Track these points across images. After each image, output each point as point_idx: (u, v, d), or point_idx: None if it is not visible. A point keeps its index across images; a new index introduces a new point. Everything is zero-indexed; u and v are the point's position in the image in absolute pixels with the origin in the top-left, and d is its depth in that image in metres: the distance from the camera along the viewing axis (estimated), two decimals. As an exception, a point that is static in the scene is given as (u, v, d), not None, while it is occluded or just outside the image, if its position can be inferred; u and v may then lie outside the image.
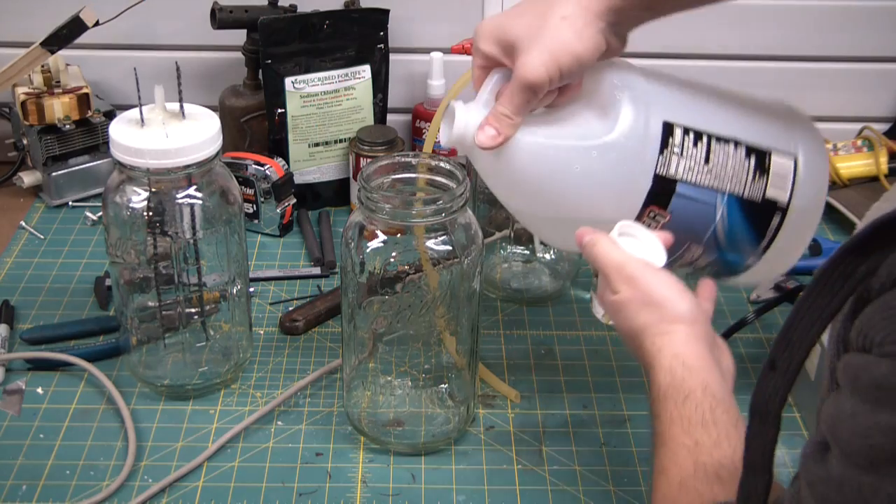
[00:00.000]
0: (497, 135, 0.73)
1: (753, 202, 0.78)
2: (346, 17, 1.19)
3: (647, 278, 0.69)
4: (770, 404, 0.47)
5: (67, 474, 0.83)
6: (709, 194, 0.77)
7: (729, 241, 0.79)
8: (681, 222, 0.77)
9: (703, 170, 0.76)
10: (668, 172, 0.75)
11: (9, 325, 1.00)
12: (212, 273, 0.90)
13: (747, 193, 0.77)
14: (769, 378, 0.47)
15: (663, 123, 0.75)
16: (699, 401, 0.63)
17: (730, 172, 0.77)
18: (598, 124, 0.75)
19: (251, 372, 0.95)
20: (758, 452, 0.48)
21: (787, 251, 0.82)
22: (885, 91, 1.34)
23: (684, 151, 0.75)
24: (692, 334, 0.67)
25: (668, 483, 0.62)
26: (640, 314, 0.69)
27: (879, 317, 0.41)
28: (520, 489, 0.82)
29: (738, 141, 0.77)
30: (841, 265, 0.44)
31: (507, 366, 0.97)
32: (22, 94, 1.17)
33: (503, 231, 1.06)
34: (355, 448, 0.86)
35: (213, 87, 1.26)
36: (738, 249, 0.80)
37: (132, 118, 0.84)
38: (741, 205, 0.77)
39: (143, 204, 0.84)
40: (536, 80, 0.71)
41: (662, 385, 0.65)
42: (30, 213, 1.22)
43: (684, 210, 0.77)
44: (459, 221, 0.80)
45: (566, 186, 0.75)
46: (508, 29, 0.73)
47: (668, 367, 0.66)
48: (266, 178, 1.15)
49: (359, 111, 1.22)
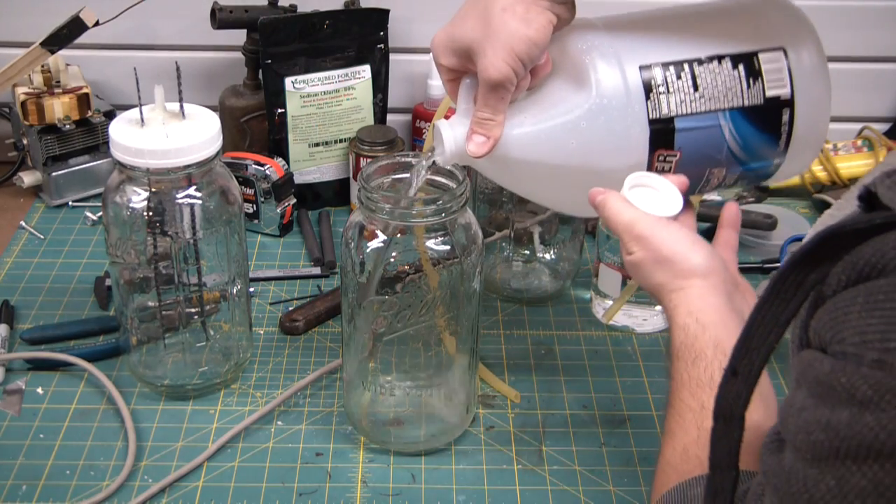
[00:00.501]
0: (486, 140, 0.74)
1: (756, 108, 0.77)
2: (346, 17, 1.19)
3: (658, 235, 0.69)
4: (734, 408, 0.49)
5: (67, 474, 0.83)
6: (709, 118, 0.76)
7: (747, 153, 0.78)
8: (693, 154, 0.76)
9: (694, 98, 0.75)
10: (662, 113, 0.75)
11: (9, 325, 1.00)
12: (212, 273, 0.90)
13: (747, 102, 0.76)
14: (731, 384, 0.49)
15: (640, 68, 0.75)
16: (709, 361, 0.63)
17: (722, 89, 0.76)
18: (577, 94, 0.74)
19: (251, 372, 0.95)
20: (724, 452, 0.50)
21: (810, 138, 0.80)
22: (885, 91, 1.34)
23: (670, 87, 0.75)
24: (707, 287, 0.67)
25: (673, 448, 0.62)
26: (654, 273, 0.69)
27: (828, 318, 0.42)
28: (520, 489, 0.82)
29: (719, 56, 0.76)
30: (792, 274, 0.45)
31: (507, 366, 0.97)
32: (22, 94, 1.17)
33: (503, 231, 1.06)
34: (355, 448, 0.86)
35: (213, 87, 1.26)
36: (760, 156, 0.79)
37: (132, 118, 0.84)
38: (745, 115, 0.76)
39: (143, 204, 0.84)
40: (501, 78, 0.71)
41: (676, 344, 0.66)
42: (30, 213, 1.22)
43: (692, 142, 0.76)
44: (459, 221, 0.80)
45: (569, 162, 0.75)
46: (458, 37, 0.73)
47: (682, 324, 0.66)
48: (266, 178, 1.15)
49: (359, 111, 1.22)
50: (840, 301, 0.42)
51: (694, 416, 0.62)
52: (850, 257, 0.42)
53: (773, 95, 0.77)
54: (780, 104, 0.77)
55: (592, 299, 1.06)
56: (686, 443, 0.62)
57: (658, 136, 0.75)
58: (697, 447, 0.61)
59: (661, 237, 0.69)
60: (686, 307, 0.67)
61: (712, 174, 0.79)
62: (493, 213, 1.06)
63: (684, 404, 0.63)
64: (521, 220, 1.04)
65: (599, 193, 0.72)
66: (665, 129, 0.75)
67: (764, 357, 0.47)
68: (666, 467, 0.62)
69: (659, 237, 0.69)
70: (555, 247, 1.07)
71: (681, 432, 0.62)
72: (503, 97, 0.73)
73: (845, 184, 1.24)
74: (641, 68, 0.75)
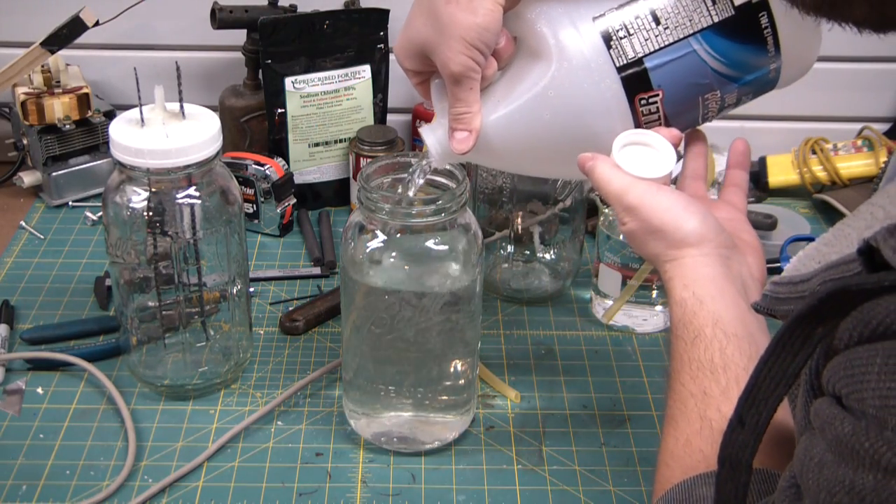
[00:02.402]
0: (468, 134, 0.73)
1: (728, 21, 0.73)
2: (346, 17, 1.19)
3: (648, 204, 0.68)
4: (741, 457, 0.48)
5: (67, 474, 0.83)
6: (681, 47, 0.73)
7: (734, 68, 0.75)
8: (676, 88, 0.74)
9: (659, 31, 0.72)
10: (628, 57, 0.72)
11: (9, 325, 1.00)
12: (212, 273, 0.90)
13: (716, 18, 0.73)
14: (738, 433, 0.48)
15: (593, 20, 0.72)
16: (709, 341, 0.63)
17: (686, 14, 0.72)
18: (539, 65, 0.73)
19: (251, 372, 0.95)
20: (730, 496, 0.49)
21: (801, 32, 0.75)
22: (885, 91, 1.34)
23: (630, 29, 0.72)
24: (701, 256, 0.66)
25: (676, 438, 0.62)
26: (647, 243, 0.68)
27: (843, 372, 0.42)
28: (520, 489, 0.82)
29: None
30: (799, 328, 0.44)
31: (507, 366, 0.97)
32: (22, 94, 1.17)
33: (503, 231, 1.06)
34: (355, 448, 0.86)
35: (213, 87, 1.26)
36: (751, 68, 0.75)
37: (132, 118, 0.84)
38: (719, 31, 0.73)
39: (143, 204, 0.84)
40: (461, 70, 0.71)
41: (674, 320, 0.65)
42: (30, 213, 1.22)
43: (670, 76, 0.73)
44: (459, 221, 0.80)
45: (551, 133, 0.74)
46: (414, 39, 0.74)
47: (679, 299, 0.65)
48: (266, 178, 1.15)
49: (359, 111, 1.22)
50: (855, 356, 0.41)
51: (696, 404, 0.61)
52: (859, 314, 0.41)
53: (743, 1, 0.72)
54: (754, 8, 0.73)
55: (592, 299, 1.06)
56: (689, 433, 0.61)
57: (631, 81, 0.73)
58: (700, 439, 0.60)
59: (651, 205, 0.68)
60: (681, 279, 0.66)
61: (707, 100, 0.76)
62: (493, 213, 1.06)
63: (686, 389, 0.62)
64: (522, 220, 1.04)
65: (588, 160, 0.71)
66: (637, 72, 0.73)
67: (772, 409, 0.46)
68: (669, 459, 0.62)
69: (649, 205, 0.68)
70: (555, 247, 1.07)
71: (683, 421, 0.62)
72: (471, 87, 0.72)
73: (845, 184, 1.24)
74: (595, 19, 0.73)
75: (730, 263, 0.67)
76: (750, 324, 0.64)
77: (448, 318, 0.81)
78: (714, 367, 0.62)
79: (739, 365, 0.62)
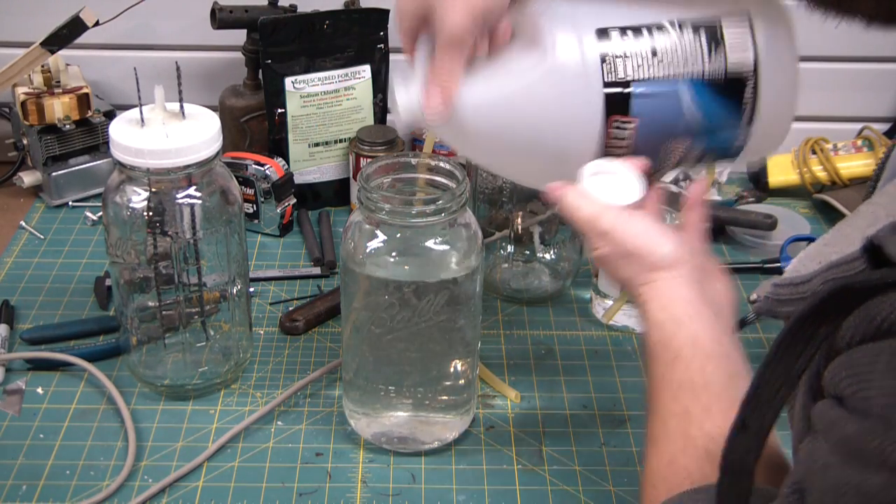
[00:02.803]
0: (441, 97, 0.71)
1: (717, 78, 0.73)
2: (346, 17, 1.19)
3: (621, 229, 0.67)
4: (744, 462, 0.47)
5: (67, 474, 0.83)
6: (668, 84, 0.73)
7: (708, 124, 0.75)
8: (650, 122, 0.74)
9: (653, 63, 0.73)
10: (618, 76, 0.72)
11: (9, 325, 1.00)
12: (212, 273, 0.90)
13: (708, 70, 0.73)
14: (741, 438, 0.47)
15: (596, 32, 0.72)
16: (688, 361, 0.62)
17: (682, 56, 0.73)
18: (532, 58, 0.73)
19: (251, 372, 0.95)
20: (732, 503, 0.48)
21: (776, 117, 0.76)
22: (885, 91, 1.34)
23: (627, 52, 0.72)
24: (676, 278, 0.66)
25: (659, 458, 0.61)
26: (621, 268, 0.68)
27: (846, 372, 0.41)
28: (520, 489, 0.82)
29: (681, 22, 0.73)
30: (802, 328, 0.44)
31: (507, 366, 0.97)
32: (22, 94, 1.17)
33: (503, 231, 1.06)
34: (355, 448, 0.86)
35: (213, 87, 1.26)
36: (721, 130, 0.76)
37: (132, 118, 0.84)
38: (706, 84, 0.73)
39: (143, 204, 0.84)
40: (457, 31, 0.69)
41: (652, 341, 0.64)
42: (30, 213, 1.22)
43: (649, 109, 0.73)
44: (459, 221, 0.80)
45: (526, 129, 0.74)
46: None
47: (656, 321, 0.65)
48: (266, 178, 1.15)
49: (359, 111, 1.22)
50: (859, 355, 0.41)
51: (678, 423, 0.61)
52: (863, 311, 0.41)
53: (736, 66, 0.73)
54: (743, 76, 0.74)
55: (592, 299, 1.06)
56: (672, 452, 0.60)
57: (613, 100, 0.72)
58: (685, 457, 0.59)
59: (625, 230, 0.67)
60: (658, 302, 0.65)
61: (672, 147, 0.76)
62: (493, 213, 1.06)
63: (667, 409, 0.62)
64: (522, 220, 1.04)
65: (557, 188, 0.71)
66: (621, 93, 0.72)
67: (775, 411, 0.46)
68: (653, 478, 0.61)
69: (622, 230, 0.67)
70: (555, 247, 1.07)
71: (665, 440, 0.61)
72: (461, 50, 0.71)
73: (845, 184, 1.24)
74: (598, 32, 0.72)
75: (704, 286, 0.67)
76: (726, 344, 0.64)
77: (448, 318, 0.81)
78: (695, 386, 0.61)
79: (720, 383, 0.61)
